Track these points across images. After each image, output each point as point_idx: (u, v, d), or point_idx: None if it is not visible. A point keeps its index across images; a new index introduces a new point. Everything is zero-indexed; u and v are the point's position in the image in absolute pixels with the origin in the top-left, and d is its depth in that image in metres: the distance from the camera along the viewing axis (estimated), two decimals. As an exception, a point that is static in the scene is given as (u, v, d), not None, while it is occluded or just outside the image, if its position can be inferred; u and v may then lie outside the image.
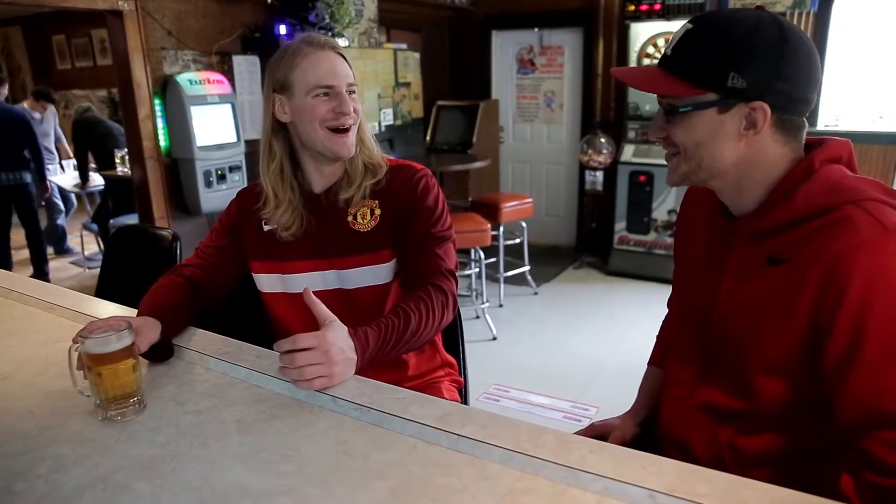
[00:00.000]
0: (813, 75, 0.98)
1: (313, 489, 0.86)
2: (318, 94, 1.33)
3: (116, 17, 3.50)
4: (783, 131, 0.99)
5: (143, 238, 2.46)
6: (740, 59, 0.94)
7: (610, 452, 0.90)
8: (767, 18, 0.96)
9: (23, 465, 0.93)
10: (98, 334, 1.04)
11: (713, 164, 1.01)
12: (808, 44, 0.97)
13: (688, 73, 0.98)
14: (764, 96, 0.95)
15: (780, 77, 0.95)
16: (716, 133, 0.99)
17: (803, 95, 0.98)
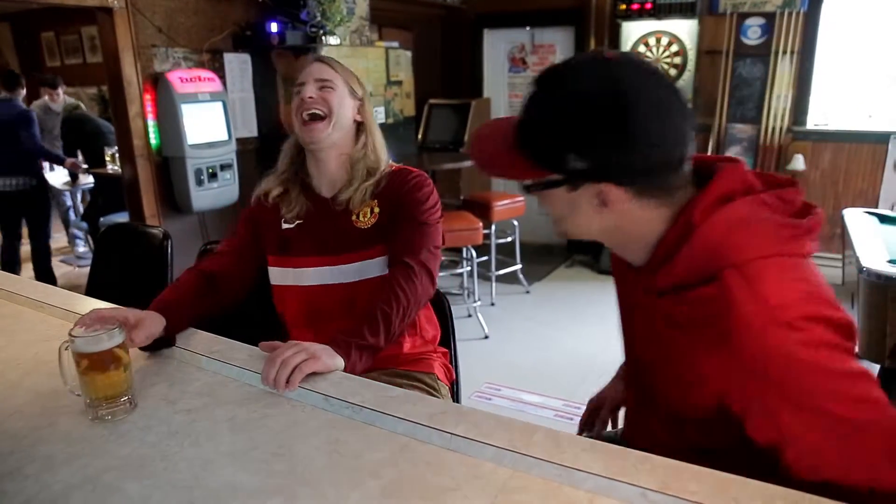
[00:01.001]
0: (665, 137, 0.87)
1: (305, 488, 0.86)
2: (297, 89, 1.50)
3: (106, 14, 3.47)
4: (648, 197, 0.90)
5: (134, 236, 2.45)
6: (577, 139, 0.88)
7: (602, 451, 0.90)
8: (605, 87, 0.86)
9: (11, 465, 0.92)
10: (89, 333, 1.03)
11: (582, 232, 0.97)
12: (656, 99, 0.86)
13: (531, 152, 0.92)
14: (610, 176, 0.88)
15: (624, 151, 0.86)
16: (572, 208, 0.94)
17: (658, 162, 0.88)
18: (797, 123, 4.98)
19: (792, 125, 4.98)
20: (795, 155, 4.96)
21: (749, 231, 0.86)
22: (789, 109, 4.95)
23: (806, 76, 4.91)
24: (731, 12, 4.93)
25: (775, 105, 4.96)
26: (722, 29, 4.99)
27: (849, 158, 4.89)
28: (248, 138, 4.28)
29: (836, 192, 4.97)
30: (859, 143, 4.84)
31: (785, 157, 5.02)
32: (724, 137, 5.17)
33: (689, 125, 0.89)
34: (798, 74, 4.89)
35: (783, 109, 4.95)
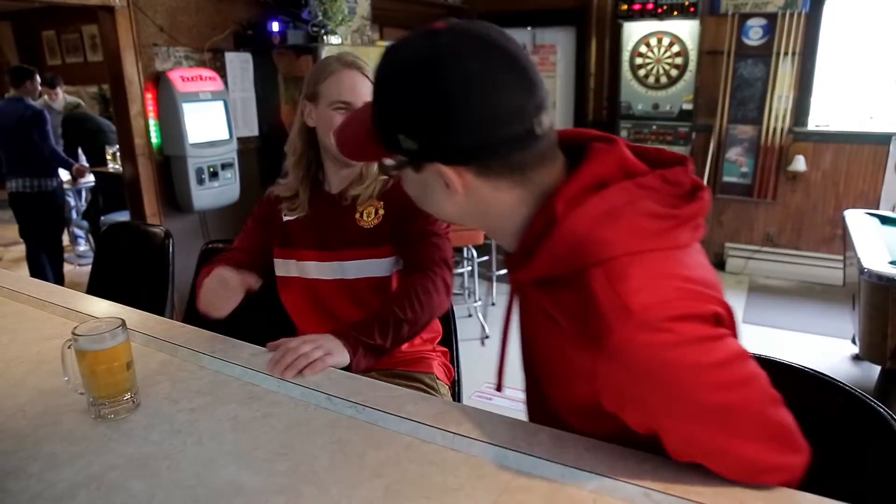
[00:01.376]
0: (498, 108, 0.78)
1: (308, 487, 0.86)
2: (338, 108, 1.47)
3: (108, 13, 3.47)
4: (495, 178, 0.83)
5: (135, 235, 2.45)
6: (402, 119, 0.82)
7: (605, 450, 0.90)
8: (424, 54, 0.79)
9: (15, 464, 0.92)
10: (92, 331, 1.03)
11: (441, 215, 0.92)
12: (479, 69, 0.77)
13: (378, 133, 0.87)
14: (439, 156, 0.81)
15: (449, 131, 0.79)
16: (425, 190, 0.88)
17: (493, 138, 0.79)
18: (798, 124, 4.98)
19: (793, 126, 4.97)
20: (796, 156, 4.96)
21: (617, 225, 0.78)
22: (790, 110, 4.94)
23: (807, 77, 4.91)
24: (732, 13, 4.92)
25: (776, 106, 4.96)
26: (723, 29, 4.99)
27: (850, 159, 4.89)
28: (249, 137, 4.27)
29: (837, 194, 4.97)
30: (860, 144, 4.83)
31: (786, 158, 5.02)
32: (725, 138, 5.17)
33: (532, 97, 0.80)
34: (799, 75, 4.89)
35: (784, 110, 4.95)
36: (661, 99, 5.13)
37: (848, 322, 3.77)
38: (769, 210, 5.20)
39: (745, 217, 5.30)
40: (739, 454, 0.79)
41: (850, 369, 3.66)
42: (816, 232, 5.09)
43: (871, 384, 3.18)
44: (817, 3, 4.74)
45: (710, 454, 0.80)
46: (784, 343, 3.95)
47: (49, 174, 4.62)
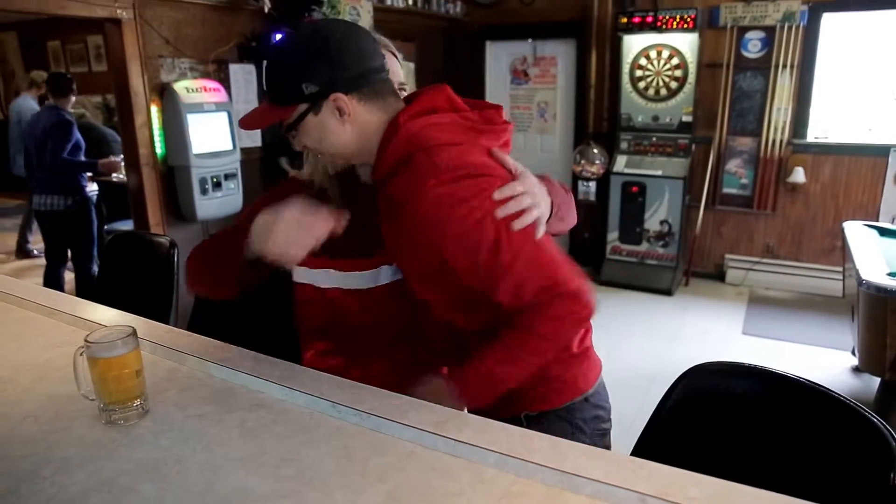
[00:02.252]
0: (360, 51, 1.15)
1: (314, 493, 0.89)
2: None
3: (115, 26, 3.52)
4: (368, 102, 1.16)
5: (141, 244, 2.48)
6: (303, 71, 1.13)
7: (601, 457, 0.93)
8: (306, 31, 1.20)
9: (27, 468, 0.95)
10: (104, 339, 1.06)
11: (338, 149, 1.19)
12: (344, 30, 1.16)
13: (280, 98, 1.17)
14: (335, 88, 1.13)
15: (337, 68, 1.13)
16: (324, 128, 1.17)
17: (362, 69, 1.15)
18: (797, 136, 5.02)
19: (792, 138, 5.02)
20: (795, 167, 4.99)
21: (440, 127, 1.15)
22: (789, 122, 4.99)
23: (806, 89, 4.95)
24: (731, 26, 4.98)
25: (775, 118, 5.00)
26: (722, 42, 5.04)
27: (849, 171, 4.93)
28: (252, 148, 4.32)
29: (836, 205, 5.01)
30: (859, 156, 4.87)
31: (785, 170, 5.06)
32: (724, 150, 5.21)
33: (375, 44, 1.19)
34: (798, 87, 4.94)
35: (783, 122, 4.99)
36: (661, 111, 5.17)
37: (848, 333, 3.80)
38: (769, 221, 5.23)
39: (744, 228, 5.33)
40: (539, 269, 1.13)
41: (849, 381, 3.67)
42: (816, 243, 5.12)
43: (870, 395, 3.20)
44: (815, 17, 4.79)
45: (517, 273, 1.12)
46: (784, 354, 3.97)
47: (72, 190, 4.43)
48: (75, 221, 4.49)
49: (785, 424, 1.23)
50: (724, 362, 1.26)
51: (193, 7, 3.84)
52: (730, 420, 1.29)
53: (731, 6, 4.96)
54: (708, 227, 5.40)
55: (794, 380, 1.24)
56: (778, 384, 1.27)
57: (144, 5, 3.59)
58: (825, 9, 4.77)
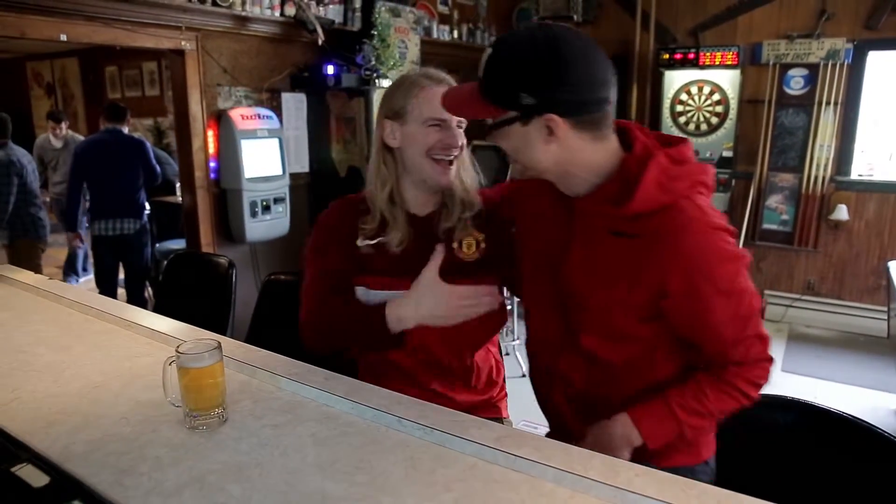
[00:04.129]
0: (593, 78, 1.12)
1: (387, 497, 0.96)
2: (433, 125, 1.44)
3: (178, 56, 3.71)
4: (585, 129, 1.15)
5: (201, 264, 2.61)
6: (526, 81, 1.11)
7: (654, 476, 0.98)
8: (541, 38, 1.11)
9: (127, 464, 1.04)
10: (193, 350, 1.16)
11: (534, 164, 1.19)
12: (583, 49, 1.11)
13: (492, 96, 1.16)
14: (552, 108, 1.11)
15: (562, 88, 1.10)
16: (526, 141, 1.16)
17: (589, 97, 1.13)
18: (840, 173, 5.00)
19: (835, 175, 5.00)
20: (838, 205, 4.97)
21: (680, 178, 1.16)
22: (832, 159, 4.97)
23: (850, 126, 4.94)
24: (773, 63, 5.01)
25: (818, 154, 4.99)
26: (764, 79, 5.08)
27: (894, 209, 4.89)
28: (301, 173, 4.47)
29: (881, 244, 4.95)
30: (904, 194, 4.84)
31: (828, 207, 5.03)
32: (765, 185, 5.21)
33: (610, 73, 1.15)
34: (842, 125, 4.93)
35: (826, 159, 4.98)
36: (702, 146, 5.21)
37: (892, 374, 3.75)
38: (810, 258, 5.19)
39: (784, 265, 5.30)
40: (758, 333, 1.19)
41: (893, 422, 3.62)
42: (859, 282, 5.06)
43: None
44: (860, 55, 4.80)
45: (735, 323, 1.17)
46: (825, 394, 3.92)
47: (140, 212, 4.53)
48: (142, 244, 4.62)
49: (827, 457, 1.27)
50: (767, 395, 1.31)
51: (250, 39, 4.03)
52: (772, 451, 1.33)
53: (773, 43, 5.00)
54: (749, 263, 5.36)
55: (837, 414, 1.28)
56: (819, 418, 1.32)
57: (206, 37, 3.78)
58: (871, 47, 4.77)
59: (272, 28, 4.06)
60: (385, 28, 4.28)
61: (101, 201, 4.48)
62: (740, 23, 5.13)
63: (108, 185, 4.47)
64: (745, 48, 5.02)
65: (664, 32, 5.40)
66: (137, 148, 4.62)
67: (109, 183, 4.47)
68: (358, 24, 4.34)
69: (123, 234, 4.46)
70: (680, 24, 5.37)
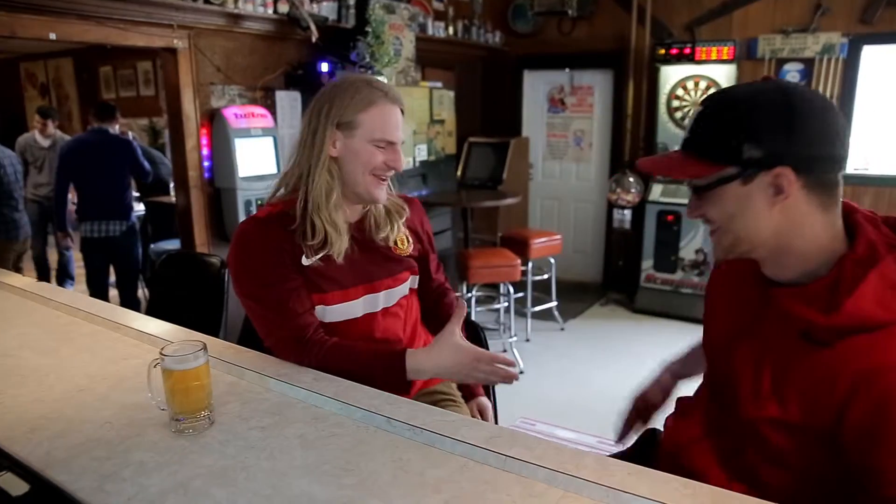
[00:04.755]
0: (828, 130, 0.97)
1: (374, 500, 0.94)
2: (380, 145, 1.42)
3: (171, 54, 3.69)
4: (815, 193, 0.98)
5: (193, 264, 2.59)
6: (752, 130, 0.97)
7: (647, 475, 0.97)
8: (770, 87, 1.00)
9: (110, 469, 1.02)
10: (178, 352, 1.14)
11: (750, 234, 1.02)
12: (817, 102, 0.98)
13: (706, 152, 1.01)
14: (783, 160, 0.96)
15: (794, 140, 0.96)
16: (745, 205, 1.00)
17: (824, 153, 0.97)
18: (836, 168, 4.98)
19: (831, 169, 4.98)
20: (834, 199, 4.95)
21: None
22: (828, 154, 4.95)
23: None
24: (769, 58, 5.00)
25: (814, 149, 4.97)
26: (760, 73, 5.02)
27: (890, 203, 4.87)
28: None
29: (876, 238, 4.94)
30: (901, 188, 4.83)
31: (824, 201, 5.02)
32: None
33: (845, 127, 0.99)
34: (837, 119, 4.91)
35: (822, 154, 4.96)
36: (698, 141, 5.19)
37: None
38: (807, 253, 5.17)
39: (782, 259, 5.28)
40: None
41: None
42: (855, 276, 5.04)
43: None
44: (855, 49, 4.79)
45: None
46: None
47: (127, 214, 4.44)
48: (129, 246, 4.52)
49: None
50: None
51: (244, 37, 4.00)
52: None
53: (769, 38, 4.98)
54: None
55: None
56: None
57: (199, 35, 3.76)
58: (865, 41, 4.76)
59: (265, 26, 4.03)
60: (379, 25, 4.26)
61: (87, 203, 4.41)
62: (735, 17, 5.12)
63: (94, 187, 4.38)
64: (741, 43, 5.00)
65: (660, 27, 5.38)
66: (123, 148, 4.52)
67: (94, 184, 4.38)
68: (352, 21, 4.31)
69: (110, 235, 4.38)
70: (675, 18, 5.35)
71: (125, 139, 4.60)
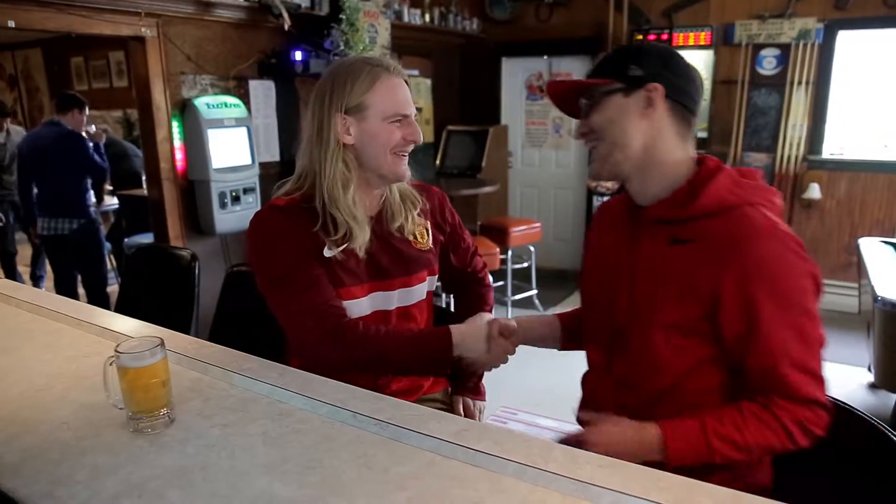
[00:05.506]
0: (694, 82, 1.24)
1: (337, 499, 0.91)
2: (395, 121, 1.38)
3: (139, 43, 3.60)
4: (676, 119, 1.22)
5: (163, 257, 2.53)
6: (638, 56, 1.22)
7: (619, 468, 0.94)
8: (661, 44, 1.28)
9: (63, 472, 0.98)
10: (134, 349, 1.09)
11: (623, 140, 1.22)
12: (693, 68, 1.25)
13: (600, 71, 1.26)
14: (657, 80, 1.19)
15: (670, 70, 1.21)
16: (623, 112, 1.21)
17: (689, 91, 1.22)
18: (812, 152, 5.02)
19: (807, 154, 5.01)
20: (811, 184, 4.99)
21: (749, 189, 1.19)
22: (804, 138, 4.99)
23: (821, 106, 4.96)
24: (746, 43, 5.00)
25: (791, 134, 5.00)
26: (737, 59, 5.06)
27: (865, 188, 4.91)
28: (271, 162, 4.38)
29: (852, 222, 4.99)
30: (875, 172, 4.86)
31: (800, 186, 5.05)
32: (739, 165, 5.20)
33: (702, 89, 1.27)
34: (813, 104, 4.94)
35: (798, 138, 4.99)
36: (676, 127, 5.19)
37: (864, 350, 3.77)
38: (784, 237, 5.21)
39: (760, 244, 5.31)
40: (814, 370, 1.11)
41: (866, 397, 3.65)
42: (831, 259, 5.09)
43: (887, 412, 3.18)
44: (830, 35, 4.80)
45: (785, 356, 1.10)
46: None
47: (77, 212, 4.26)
48: (84, 244, 4.32)
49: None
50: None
51: (215, 25, 3.92)
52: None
53: (746, 24, 4.98)
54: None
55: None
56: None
57: (168, 23, 3.67)
58: (840, 26, 4.78)
59: (237, 13, 3.95)
60: (354, 12, 4.19)
61: (40, 198, 4.29)
62: (713, 3, 5.11)
63: (43, 182, 4.26)
64: (718, 28, 5.00)
65: (637, 13, 5.36)
66: (73, 143, 4.25)
67: (44, 180, 4.25)
68: (326, 9, 4.24)
69: (58, 234, 4.23)
70: (653, 5, 5.33)
71: (76, 134, 4.29)
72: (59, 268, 4.46)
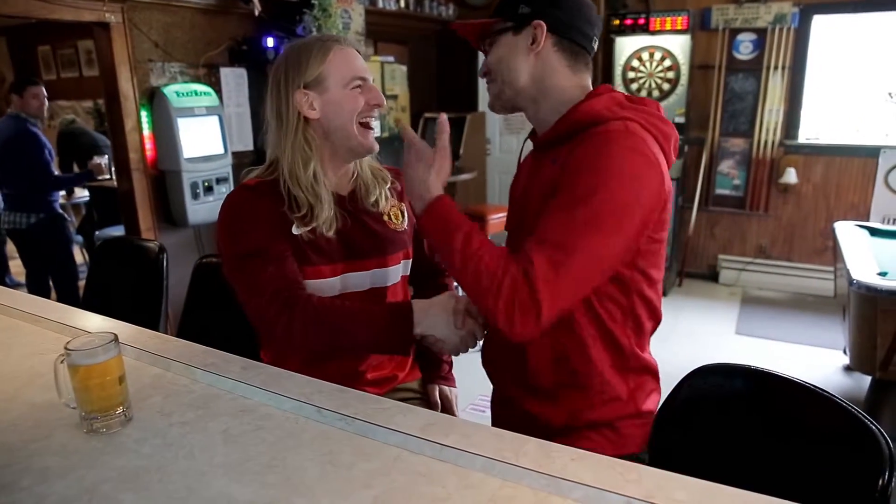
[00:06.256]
0: (585, 13, 1.24)
1: (299, 499, 0.87)
2: (356, 86, 1.37)
3: (103, 30, 3.50)
4: (565, 53, 1.23)
5: (130, 250, 2.46)
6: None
7: (590, 461, 0.92)
8: None
9: (7, 478, 0.93)
10: (85, 346, 1.04)
11: (512, 77, 1.24)
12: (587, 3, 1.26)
13: (497, 12, 1.27)
14: (541, 17, 1.21)
15: (557, 6, 1.22)
16: (512, 50, 1.24)
17: (579, 25, 1.23)
18: (789, 137, 5.03)
19: (784, 139, 5.03)
20: (787, 168, 5.00)
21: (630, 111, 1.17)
22: (781, 123, 5.00)
23: (797, 91, 4.97)
24: (723, 28, 4.99)
25: (767, 119, 5.01)
26: (714, 44, 5.05)
27: (840, 172, 4.94)
28: (244, 152, 4.30)
29: (828, 206, 5.02)
30: (850, 156, 4.89)
31: (777, 171, 5.07)
32: (717, 150, 5.22)
33: (598, 24, 1.27)
34: (789, 89, 4.95)
35: (775, 123, 5.00)
36: (653, 112, 5.17)
37: (839, 333, 3.80)
38: (761, 222, 5.24)
39: (737, 229, 5.34)
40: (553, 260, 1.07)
41: (841, 380, 3.68)
42: (808, 244, 5.13)
43: (862, 394, 3.20)
44: (806, 19, 4.81)
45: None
46: (776, 354, 3.97)
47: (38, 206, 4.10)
48: (45, 240, 4.17)
49: (781, 425, 1.22)
50: (729, 364, 1.24)
51: (183, 10, 3.82)
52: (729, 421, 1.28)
53: (722, 8, 4.97)
54: (701, 228, 5.41)
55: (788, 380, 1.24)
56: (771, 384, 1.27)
57: (133, 9, 3.57)
58: (816, 11, 4.78)
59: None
60: (325, -3, 4.11)
61: (2, 192, 4.21)
62: (689, -13, 5.09)
63: (3, 176, 4.14)
64: (695, 13, 4.97)
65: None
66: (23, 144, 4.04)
67: (3, 174, 4.12)
68: (297, -6, 4.15)
69: (17, 228, 4.11)
70: (629, -11, 5.30)
71: (30, 133, 4.06)
72: (26, 263, 4.35)
